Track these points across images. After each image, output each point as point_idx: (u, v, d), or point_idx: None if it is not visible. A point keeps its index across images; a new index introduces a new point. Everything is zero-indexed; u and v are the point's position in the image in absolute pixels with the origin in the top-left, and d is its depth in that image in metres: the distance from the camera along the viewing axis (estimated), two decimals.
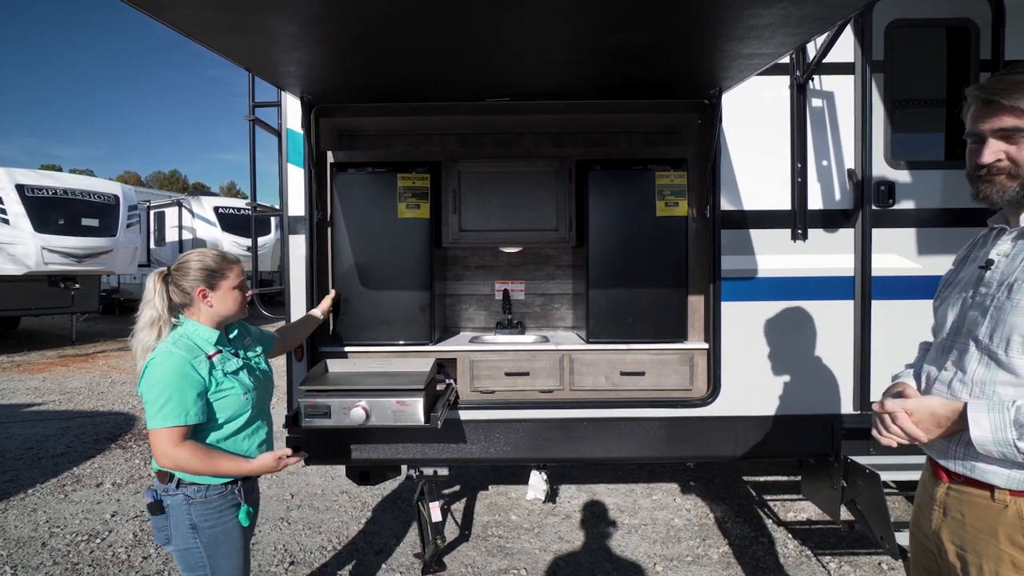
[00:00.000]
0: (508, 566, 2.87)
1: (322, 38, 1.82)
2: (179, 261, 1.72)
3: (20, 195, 8.47)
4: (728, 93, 2.50)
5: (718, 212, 2.63)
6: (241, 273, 1.75)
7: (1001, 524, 1.08)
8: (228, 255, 1.77)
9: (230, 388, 1.66)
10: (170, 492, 1.64)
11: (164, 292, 1.70)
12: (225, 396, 1.65)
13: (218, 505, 1.66)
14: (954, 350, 1.20)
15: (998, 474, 1.08)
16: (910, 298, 2.62)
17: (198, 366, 1.61)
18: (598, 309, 2.81)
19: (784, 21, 1.63)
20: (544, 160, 3.00)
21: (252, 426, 1.74)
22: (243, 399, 1.68)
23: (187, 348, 1.63)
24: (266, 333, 2.04)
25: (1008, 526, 1.07)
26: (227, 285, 1.71)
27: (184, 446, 1.58)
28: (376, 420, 2.23)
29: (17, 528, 3.32)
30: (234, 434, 1.69)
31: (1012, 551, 1.07)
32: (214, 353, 1.67)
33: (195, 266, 1.69)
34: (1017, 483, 1.07)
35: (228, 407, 1.66)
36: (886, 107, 2.65)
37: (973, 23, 2.63)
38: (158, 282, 1.70)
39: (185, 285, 1.68)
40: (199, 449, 1.60)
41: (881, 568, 2.79)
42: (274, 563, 2.91)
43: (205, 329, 1.70)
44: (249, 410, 1.70)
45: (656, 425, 2.68)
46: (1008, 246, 1.18)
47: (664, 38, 1.84)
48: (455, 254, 3.39)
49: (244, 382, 1.71)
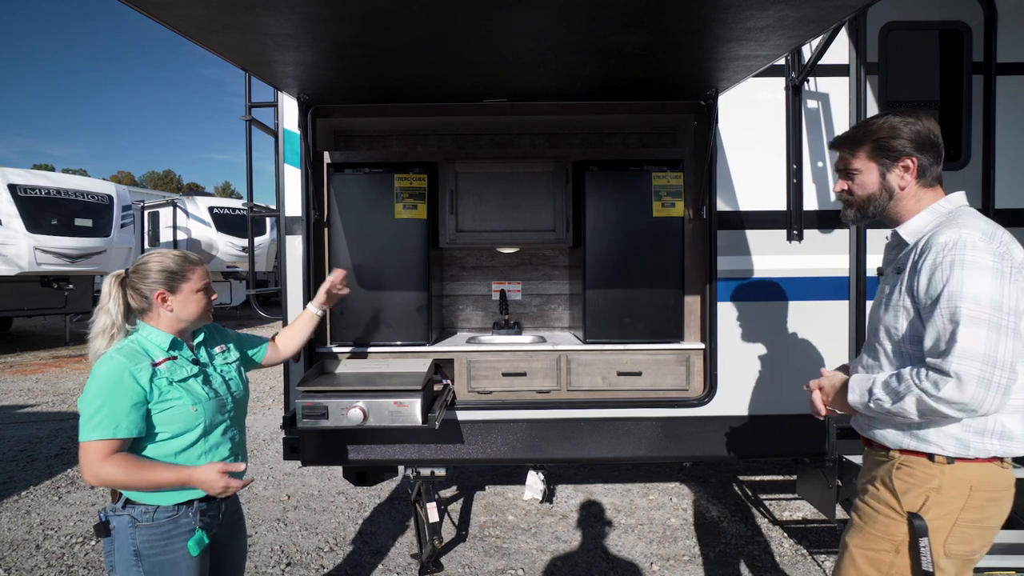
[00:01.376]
0: (505, 566, 2.87)
1: (319, 38, 1.82)
2: (137, 263, 1.58)
3: (12, 195, 8.41)
4: (724, 94, 2.52)
5: (714, 213, 2.64)
6: (205, 275, 1.62)
7: (882, 469, 1.42)
8: (191, 256, 1.63)
9: (176, 398, 1.49)
10: (117, 512, 1.47)
11: (120, 297, 1.55)
12: (169, 407, 1.48)
13: (166, 530, 1.48)
14: (868, 343, 1.53)
15: (888, 433, 1.42)
16: None
17: (138, 374, 1.45)
18: (595, 309, 2.81)
19: (781, 23, 1.64)
20: (541, 161, 3.01)
21: (208, 442, 1.55)
22: (192, 411, 1.50)
23: (130, 354, 1.48)
24: (254, 339, 1.90)
25: (885, 471, 1.42)
26: (189, 288, 1.57)
27: (112, 460, 1.40)
28: (374, 421, 2.22)
29: (11, 530, 3.30)
30: (184, 450, 1.51)
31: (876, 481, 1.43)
32: (163, 360, 1.51)
33: (154, 267, 1.55)
34: (899, 444, 1.40)
35: (173, 419, 1.48)
36: (880, 108, 2.67)
37: (966, 25, 2.66)
38: (114, 286, 1.56)
39: (143, 289, 1.54)
40: (129, 461, 1.42)
41: None
42: (271, 564, 2.90)
43: (159, 334, 1.55)
44: (201, 423, 1.52)
45: (653, 425, 2.69)
46: (888, 254, 1.55)
47: (662, 40, 1.85)
48: (452, 255, 3.39)
49: (195, 392, 1.53)
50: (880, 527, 1.37)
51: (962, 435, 1.32)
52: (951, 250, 1.28)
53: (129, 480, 1.42)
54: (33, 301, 9.31)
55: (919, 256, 1.35)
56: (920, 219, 1.42)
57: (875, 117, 1.47)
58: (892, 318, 1.39)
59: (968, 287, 1.24)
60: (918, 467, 1.35)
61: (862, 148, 1.46)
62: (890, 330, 1.40)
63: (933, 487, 1.33)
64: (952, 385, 1.21)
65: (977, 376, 1.21)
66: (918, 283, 1.32)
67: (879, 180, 1.44)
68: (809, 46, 2.54)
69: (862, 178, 1.46)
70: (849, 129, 1.55)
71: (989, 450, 1.31)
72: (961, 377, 1.21)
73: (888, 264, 1.51)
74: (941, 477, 1.32)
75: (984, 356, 1.21)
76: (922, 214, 1.42)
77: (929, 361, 1.27)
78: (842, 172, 1.52)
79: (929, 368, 1.26)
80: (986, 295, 1.23)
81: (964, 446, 1.31)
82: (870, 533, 1.39)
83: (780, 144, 2.66)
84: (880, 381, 1.35)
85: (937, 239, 1.32)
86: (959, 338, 1.22)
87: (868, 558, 1.38)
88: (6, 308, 9.36)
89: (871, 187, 1.45)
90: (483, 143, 3.31)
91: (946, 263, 1.27)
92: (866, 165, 1.45)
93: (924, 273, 1.31)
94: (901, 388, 1.30)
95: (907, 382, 1.29)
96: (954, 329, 1.23)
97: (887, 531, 1.36)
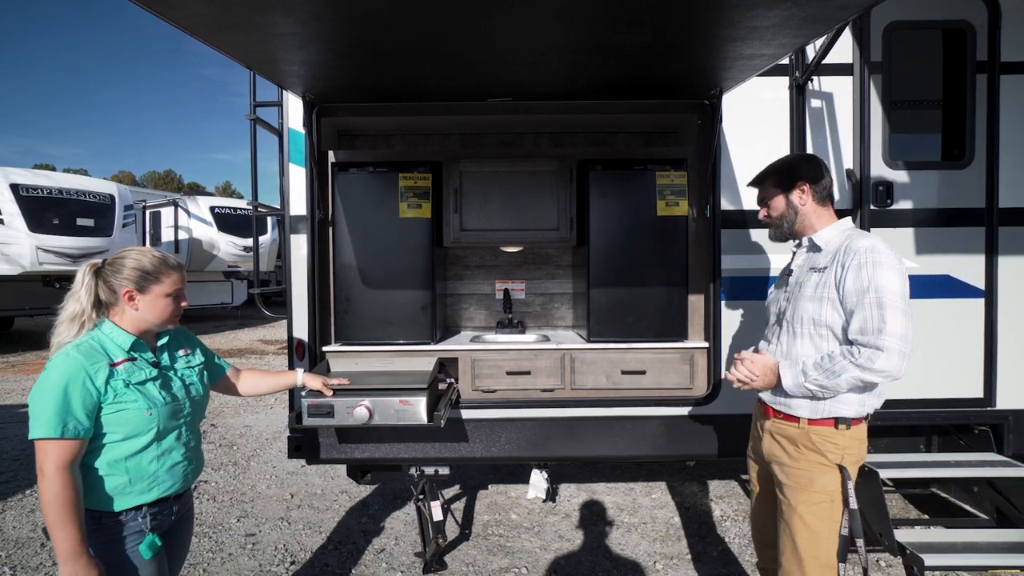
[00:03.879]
0: (509, 565, 2.87)
1: (325, 36, 1.83)
2: (115, 256, 1.55)
3: (15, 194, 8.40)
4: (728, 93, 2.52)
5: (718, 212, 2.65)
6: (179, 281, 1.58)
7: (798, 437, 1.74)
8: (170, 259, 1.59)
9: (131, 401, 1.45)
10: None
11: (92, 287, 1.52)
12: (123, 409, 1.44)
13: (114, 534, 1.44)
14: (776, 328, 1.87)
15: (802, 407, 1.73)
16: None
17: (94, 374, 1.41)
18: (599, 308, 2.82)
19: (787, 22, 1.64)
20: (545, 160, 3.01)
21: (161, 446, 1.51)
22: (146, 414, 1.46)
23: (88, 352, 1.44)
24: (215, 357, 1.84)
25: (802, 438, 1.74)
26: (159, 291, 1.53)
27: (65, 476, 1.34)
28: (379, 419, 2.22)
29: (15, 529, 3.30)
30: (135, 455, 1.47)
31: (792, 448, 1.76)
32: (121, 360, 1.48)
33: (130, 264, 1.52)
34: (811, 414, 1.72)
35: (126, 422, 1.44)
36: (884, 108, 2.67)
37: (970, 24, 2.66)
38: (88, 275, 1.52)
39: (114, 283, 1.51)
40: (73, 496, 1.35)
41: (879, 565, 2.81)
42: (275, 563, 2.90)
43: (120, 333, 1.51)
44: (154, 427, 1.48)
45: (657, 424, 2.69)
46: (799, 259, 1.87)
47: (667, 39, 1.86)
48: (456, 254, 3.39)
49: (151, 395, 1.49)
50: (819, 484, 1.70)
51: (865, 399, 1.69)
52: (872, 253, 1.61)
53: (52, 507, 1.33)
54: (35, 301, 9.31)
55: (845, 257, 1.66)
56: (829, 232, 1.81)
57: (777, 160, 1.93)
58: (816, 306, 1.71)
59: (887, 281, 1.58)
60: (827, 431, 1.71)
61: (768, 181, 1.89)
62: (814, 316, 1.71)
63: (842, 445, 1.70)
64: (883, 358, 1.55)
65: (899, 350, 1.55)
66: (846, 278, 1.64)
67: (785, 201, 1.85)
68: (813, 45, 2.55)
69: (773, 202, 1.88)
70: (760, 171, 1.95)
71: (875, 405, 1.72)
72: (891, 351, 1.55)
73: (800, 265, 1.85)
74: (845, 437, 1.70)
75: (902, 335, 1.55)
76: (829, 229, 1.81)
77: (861, 339, 1.59)
78: (760, 201, 1.93)
79: (862, 346, 1.59)
80: (898, 288, 1.58)
81: (861, 405, 1.69)
82: (812, 491, 1.71)
83: (784, 143, 2.67)
84: (811, 364, 1.68)
85: (857, 244, 1.66)
86: (888, 320, 1.55)
87: (812, 512, 1.70)
88: (8, 308, 9.37)
89: (781, 207, 1.86)
90: (487, 142, 3.31)
91: (869, 263, 1.60)
92: (773, 192, 1.87)
93: (852, 270, 1.63)
94: (836, 367, 1.62)
95: (841, 361, 1.61)
96: (882, 314, 1.56)
97: (825, 488, 1.70)
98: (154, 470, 1.50)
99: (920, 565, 2.09)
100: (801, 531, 1.71)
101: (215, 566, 2.88)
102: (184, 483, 1.59)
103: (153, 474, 1.50)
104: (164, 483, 1.52)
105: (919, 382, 2.65)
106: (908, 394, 2.66)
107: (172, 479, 1.54)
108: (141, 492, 1.48)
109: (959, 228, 2.67)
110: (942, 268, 2.67)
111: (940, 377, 2.68)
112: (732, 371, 1.82)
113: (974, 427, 2.74)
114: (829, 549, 1.70)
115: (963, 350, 2.68)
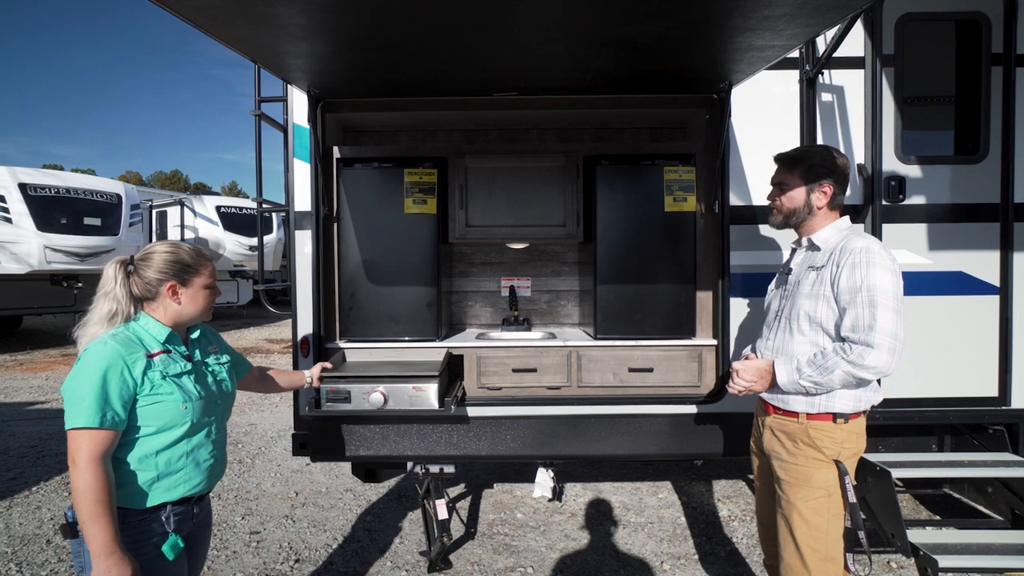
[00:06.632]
0: (514, 564, 2.85)
1: (330, 29, 1.81)
2: (145, 251, 1.54)
3: (23, 194, 8.46)
4: (737, 87, 2.49)
5: (727, 207, 2.61)
6: (214, 272, 1.60)
7: (797, 433, 1.77)
8: (203, 251, 1.60)
9: (167, 393, 1.44)
10: None
11: (127, 283, 1.50)
12: (159, 402, 1.43)
13: (137, 533, 1.41)
14: (772, 326, 1.90)
15: (799, 402, 1.75)
16: (920, 294, 2.60)
17: (131, 364, 1.40)
18: (606, 305, 2.79)
19: (800, 11, 1.61)
20: (551, 155, 2.98)
21: (191, 442, 1.50)
22: (181, 408, 1.46)
23: (125, 342, 1.43)
24: (242, 357, 1.86)
25: (800, 433, 1.76)
26: (199, 283, 1.54)
27: (99, 467, 1.32)
28: (393, 404, 2.30)
29: (22, 525, 3.31)
30: (166, 449, 1.45)
31: (791, 444, 1.78)
32: (158, 352, 1.47)
33: (167, 258, 1.51)
34: (808, 409, 1.74)
35: (160, 415, 1.43)
36: (896, 102, 2.63)
37: (984, 16, 2.62)
38: (120, 272, 1.50)
39: (151, 276, 1.49)
40: (106, 489, 1.32)
41: (891, 566, 2.77)
42: (279, 561, 2.89)
43: (156, 325, 1.51)
44: (188, 422, 1.47)
45: (664, 422, 2.66)
46: (799, 258, 1.89)
47: (676, 29, 1.83)
48: (461, 250, 3.37)
49: (187, 389, 1.49)
50: (817, 480, 1.72)
51: (861, 395, 1.72)
52: (866, 253, 1.64)
53: (84, 499, 1.31)
54: (43, 299, 9.38)
55: (840, 256, 1.69)
56: (827, 231, 1.82)
57: (812, 145, 1.87)
58: (812, 304, 1.73)
59: (880, 281, 1.61)
60: (825, 426, 1.72)
61: (798, 168, 1.82)
62: (810, 313, 1.73)
63: (839, 440, 1.72)
64: (874, 355, 1.58)
65: (889, 347, 1.58)
66: (840, 277, 1.66)
67: (805, 197, 1.82)
68: (824, 38, 2.51)
69: (792, 193, 1.84)
70: (791, 150, 1.90)
71: (873, 401, 1.74)
72: (881, 348, 1.57)
73: (799, 264, 1.86)
74: (843, 431, 1.72)
75: (893, 333, 1.58)
76: (828, 228, 1.82)
77: (852, 336, 1.62)
78: (777, 184, 1.89)
79: (853, 343, 1.61)
80: (891, 287, 1.61)
81: (857, 400, 1.71)
82: (810, 487, 1.72)
83: (794, 138, 2.62)
84: (805, 361, 1.70)
85: (853, 244, 1.68)
86: (878, 318, 1.58)
87: (811, 507, 1.72)
88: (16, 306, 9.43)
89: (797, 201, 1.83)
90: (492, 138, 3.29)
91: (863, 262, 1.63)
92: (796, 182, 1.83)
93: (846, 269, 1.66)
94: (829, 363, 1.65)
95: (833, 358, 1.64)
96: (873, 312, 1.59)
97: (822, 484, 1.71)
98: (183, 466, 1.49)
99: (934, 566, 2.06)
100: (800, 526, 1.73)
101: (220, 564, 2.87)
102: (208, 483, 1.58)
103: (182, 470, 1.48)
104: (191, 480, 1.51)
105: (931, 380, 2.61)
106: (920, 393, 2.62)
107: (199, 476, 1.53)
108: (168, 488, 1.47)
109: (973, 224, 2.62)
110: (955, 264, 2.63)
111: (953, 375, 2.64)
112: (730, 385, 1.84)
113: (988, 426, 2.69)
114: (829, 542, 1.72)
115: (977, 348, 2.64)
